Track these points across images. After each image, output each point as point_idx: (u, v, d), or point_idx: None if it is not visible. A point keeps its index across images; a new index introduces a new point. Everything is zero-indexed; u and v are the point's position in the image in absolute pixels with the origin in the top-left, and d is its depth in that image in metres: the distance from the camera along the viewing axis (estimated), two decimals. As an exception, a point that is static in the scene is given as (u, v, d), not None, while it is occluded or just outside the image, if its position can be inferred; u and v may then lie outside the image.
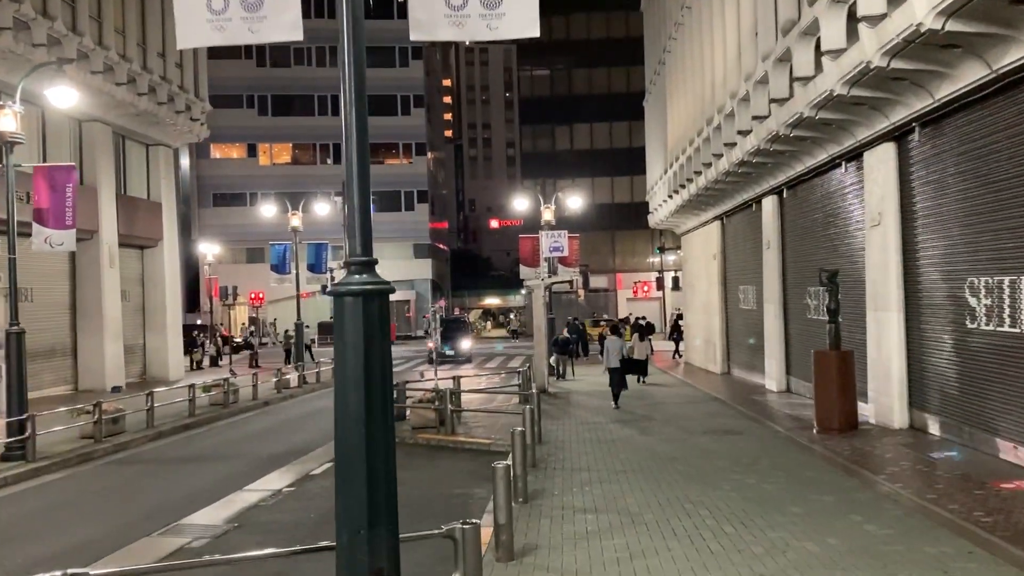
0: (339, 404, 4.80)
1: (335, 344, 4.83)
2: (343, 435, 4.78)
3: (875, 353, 14.95)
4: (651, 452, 13.51)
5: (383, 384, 4.80)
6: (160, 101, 31.08)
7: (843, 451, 12.68)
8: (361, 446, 4.73)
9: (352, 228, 4.92)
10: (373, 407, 4.75)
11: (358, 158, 4.97)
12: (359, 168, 4.95)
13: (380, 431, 4.78)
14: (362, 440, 4.73)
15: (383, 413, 4.79)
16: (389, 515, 4.83)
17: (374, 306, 4.79)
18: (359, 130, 4.99)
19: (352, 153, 4.96)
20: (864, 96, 12.67)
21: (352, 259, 4.88)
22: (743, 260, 25.94)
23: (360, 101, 5.04)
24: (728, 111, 19.80)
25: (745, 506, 9.56)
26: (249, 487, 12.67)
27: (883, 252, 14.46)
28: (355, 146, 4.97)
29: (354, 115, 5.00)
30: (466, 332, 41.42)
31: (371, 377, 4.74)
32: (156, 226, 33.50)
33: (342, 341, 4.78)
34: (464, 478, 12.71)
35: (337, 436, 4.82)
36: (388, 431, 4.84)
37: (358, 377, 4.73)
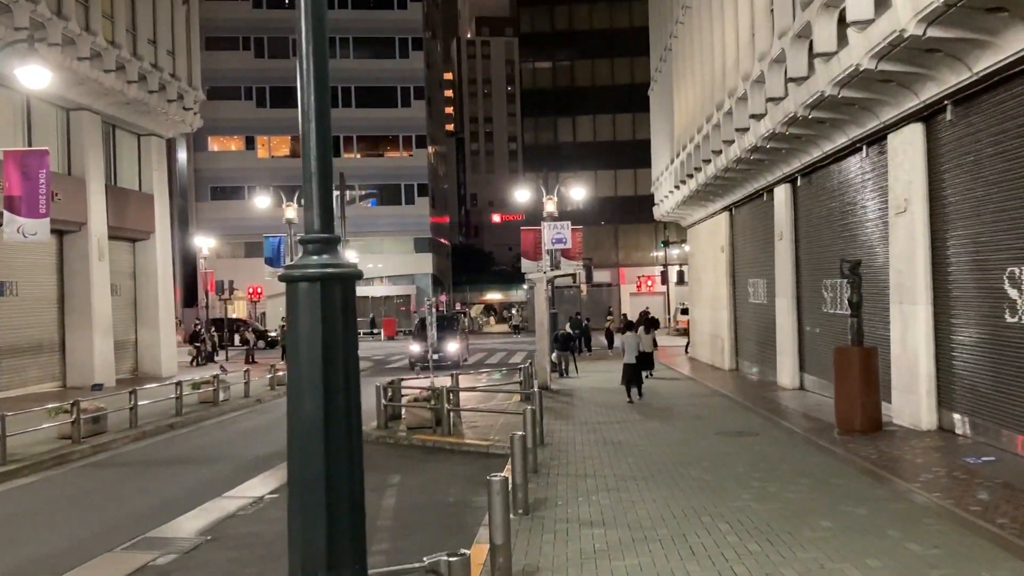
0: (292, 416, 3.87)
1: (288, 341, 3.91)
2: (297, 455, 3.85)
3: (899, 349, 14.00)
4: (661, 455, 12.59)
5: (348, 391, 3.87)
6: (151, 89, 30.13)
7: (869, 455, 11.75)
8: (320, 469, 3.80)
9: (309, 197, 3.99)
10: (335, 420, 3.82)
11: (316, 106, 4.03)
12: (318, 122, 4.02)
13: (344, 449, 3.86)
14: (321, 461, 3.80)
15: (348, 427, 3.87)
16: (356, 553, 3.89)
17: (336, 294, 3.86)
18: (316, 68, 4.06)
19: (309, 99, 4.03)
20: (893, 71, 11.72)
21: (309, 236, 3.96)
22: (753, 252, 25.00)
23: (318, 33, 4.08)
24: (740, 94, 18.84)
25: (769, 519, 8.63)
26: (229, 493, 11.77)
27: (909, 241, 13.51)
28: (312, 91, 4.03)
29: (311, 55, 4.05)
30: (454, 331, 34.30)
31: (332, 383, 3.82)
32: (148, 218, 32.59)
33: (296, 338, 3.85)
34: (461, 484, 11.79)
35: (290, 456, 3.89)
36: (354, 449, 3.92)
37: (316, 383, 3.81)
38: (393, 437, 15.79)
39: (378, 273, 70.26)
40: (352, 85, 68.21)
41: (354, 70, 68.01)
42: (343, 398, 3.85)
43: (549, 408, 18.28)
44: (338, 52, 68.41)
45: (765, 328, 23.56)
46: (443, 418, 15.43)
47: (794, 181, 20.18)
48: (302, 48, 4.05)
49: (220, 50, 66.57)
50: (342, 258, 3.99)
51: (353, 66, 68.09)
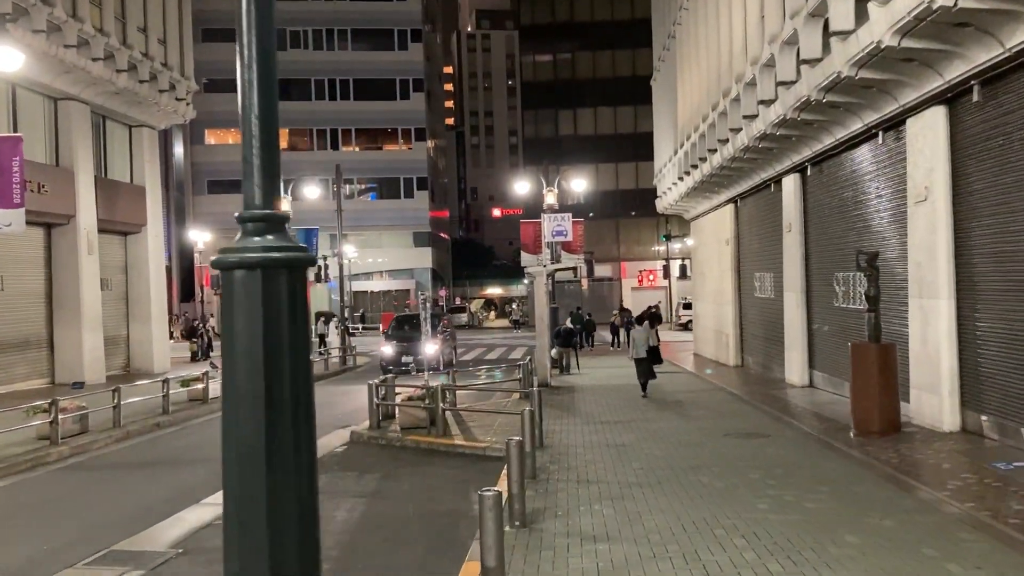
0: (227, 441, 3.12)
1: (222, 344, 3.16)
2: (233, 488, 3.10)
3: (919, 346, 13.26)
4: (668, 459, 11.85)
5: (296, 408, 3.12)
6: (142, 79, 29.35)
7: (890, 459, 11.01)
8: (260, 506, 3.06)
9: (248, 163, 3.25)
10: (280, 446, 3.07)
11: (258, 46, 3.30)
12: (260, 66, 3.29)
13: (292, 484, 3.10)
14: (262, 496, 3.05)
15: (296, 456, 3.11)
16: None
17: (280, 284, 3.11)
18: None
19: (250, 39, 3.30)
20: (917, 49, 10.95)
21: (248, 213, 3.21)
22: (759, 245, 24.25)
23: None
24: (748, 79, 18.07)
25: (789, 533, 7.89)
26: (207, 500, 11.02)
27: (930, 232, 12.76)
28: (253, 29, 3.30)
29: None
30: (434, 331, 28.76)
31: (276, 397, 3.07)
32: (139, 211, 31.83)
33: (230, 340, 3.10)
34: (455, 490, 11.06)
35: (225, 490, 3.14)
36: (305, 484, 3.15)
37: (255, 398, 3.05)
38: (385, 438, 15.06)
39: (377, 267, 69.56)
40: (350, 77, 67.45)
41: (352, 62, 67.24)
42: (290, 416, 3.10)
43: (549, 407, 17.55)
44: (336, 44, 67.65)
45: (772, 323, 22.83)
46: (437, 418, 14.69)
47: (804, 170, 19.42)
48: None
49: (215, 41, 65.76)
50: (289, 239, 3.25)
51: (351, 58, 67.32)
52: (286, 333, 3.12)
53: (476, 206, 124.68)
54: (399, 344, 29.10)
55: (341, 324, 35.42)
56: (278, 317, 3.11)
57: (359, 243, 64.95)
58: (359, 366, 32.91)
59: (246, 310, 3.09)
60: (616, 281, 69.96)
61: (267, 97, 3.26)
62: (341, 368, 31.93)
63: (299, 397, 3.16)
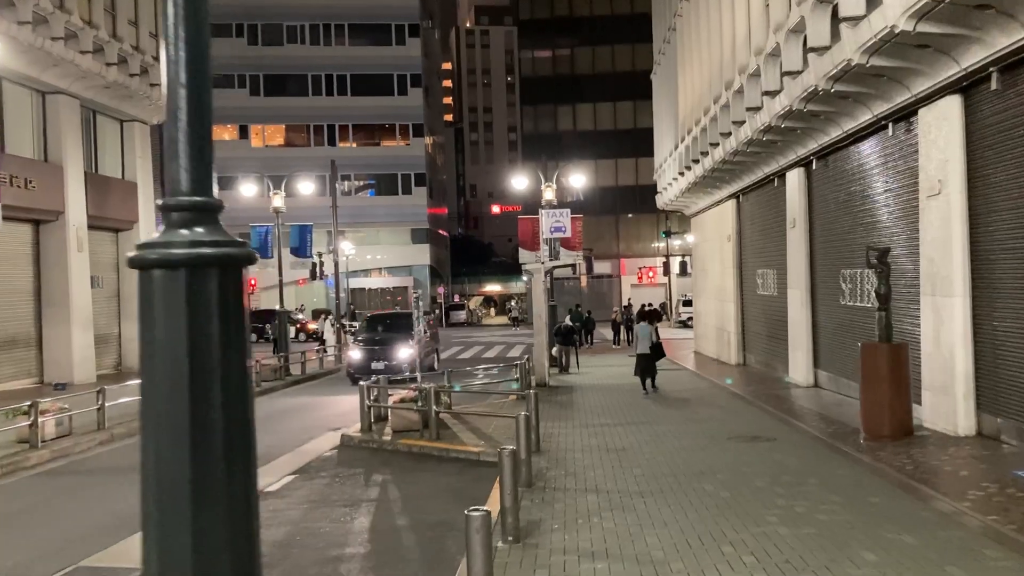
0: (146, 468, 2.59)
1: (140, 356, 2.62)
2: (151, 526, 2.56)
3: (931, 346, 12.72)
4: (671, 465, 11.31)
5: (230, 430, 2.58)
6: (132, 73, 28.77)
7: (903, 466, 10.47)
8: (183, 547, 2.52)
9: (173, 141, 2.70)
10: (209, 473, 2.54)
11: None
12: (188, 20, 2.76)
13: (223, 517, 2.56)
14: (187, 536, 2.52)
15: (229, 482, 2.58)
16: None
17: (210, 285, 2.57)
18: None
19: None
20: (933, 34, 10.39)
21: (173, 200, 2.67)
22: (762, 241, 23.71)
23: None
24: (752, 70, 17.51)
25: (802, 550, 7.35)
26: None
27: (944, 226, 12.21)
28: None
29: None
30: (409, 333, 22.79)
31: (205, 417, 2.53)
32: (131, 207, 31.28)
33: (150, 352, 2.56)
34: (446, 499, 10.51)
35: (143, 525, 2.60)
36: (240, 515, 2.61)
37: (179, 418, 2.52)
38: (377, 441, 14.53)
39: (375, 264, 69.03)
40: (348, 73, 66.89)
41: (350, 57, 66.68)
42: (222, 445, 2.55)
43: (547, 408, 17.02)
44: (333, 39, 67.07)
45: (775, 321, 22.30)
46: (430, 421, 14.15)
47: (808, 164, 18.88)
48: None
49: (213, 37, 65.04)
50: (224, 233, 2.70)
51: (348, 53, 66.75)
52: (217, 345, 2.58)
53: (475, 203, 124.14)
54: (369, 348, 25.81)
55: (337, 322, 34.86)
56: (207, 325, 2.56)
57: (357, 240, 64.41)
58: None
59: (168, 317, 2.54)
60: (616, 278, 69.45)
61: (196, 55, 2.72)
62: (336, 367, 31.39)
63: (234, 421, 2.61)
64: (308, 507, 10.35)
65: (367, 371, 23.82)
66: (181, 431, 2.53)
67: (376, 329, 27.40)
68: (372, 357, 25.14)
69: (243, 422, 2.65)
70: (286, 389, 25.16)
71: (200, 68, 2.74)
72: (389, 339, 25.73)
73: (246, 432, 2.66)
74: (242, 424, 2.64)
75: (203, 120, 2.72)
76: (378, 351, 25.36)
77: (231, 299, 2.63)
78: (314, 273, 35.07)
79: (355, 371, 24.91)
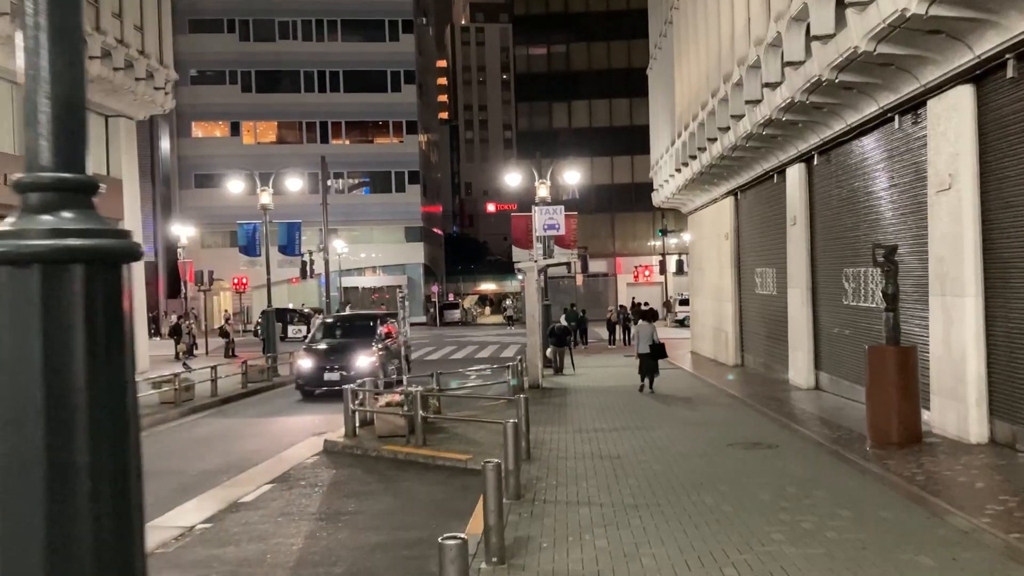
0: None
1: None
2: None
3: (941, 349, 12.14)
4: (668, 474, 10.71)
5: (104, 474, 1.99)
6: (116, 67, 28.07)
7: (914, 475, 9.88)
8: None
9: (32, 101, 2.11)
10: (72, 529, 1.94)
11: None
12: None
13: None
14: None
15: (96, 541, 1.98)
16: None
17: (74, 286, 1.98)
18: None
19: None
20: (946, 18, 9.80)
21: (30, 177, 2.07)
22: (761, 239, 23.12)
23: None
24: (752, 62, 16.93)
25: (811, 572, 6.76)
26: (153, 523, 9.80)
27: (955, 223, 11.63)
28: None
29: None
30: (369, 339, 23.17)
31: (68, 457, 1.94)
32: (116, 204, 30.55)
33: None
34: (430, 512, 9.90)
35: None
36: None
37: (30, 457, 1.93)
38: (361, 447, 13.90)
39: (369, 263, 68.39)
40: (340, 69, 66.22)
41: (343, 53, 66.01)
42: (88, 493, 1.95)
43: (540, 411, 16.43)
44: (326, 34, 66.39)
45: (775, 321, 21.73)
46: (416, 427, 13.53)
47: (810, 160, 18.30)
48: None
49: (203, 32, 64.50)
50: (100, 220, 2.11)
51: (341, 49, 66.08)
52: (82, 364, 1.98)
53: (470, 201, 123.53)
54: (322, 356, 22.38)
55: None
56: (69, 339, 1.97)
57: (350, 238, 63.75)
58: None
59: (15, 327, 1.95)
60: (611, 277, 68.89)
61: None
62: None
63: (108, 465, 2.02)
64: (282, 520, 9.74)
65: (319, 382, 21.57)
66: (32, 479, 1.93)
67: (332, 334, 24.24)
68: (325, 366, 21.92)
69: (121, 465, 2.05)
70: (274, 390, 24.53)
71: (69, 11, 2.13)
72: (346, 346, 22.59)
73: (125, 478, 2.06)
74: (119, 468, 2.04)
75: (73, 71, 2.12)
76: (333, 359, 22.08)
77: (105, 304, 2.04)
78: (304, 271, 34.38)
79: (305, 382, 22.02)
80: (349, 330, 24.23)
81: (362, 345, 22.37)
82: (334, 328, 24.88)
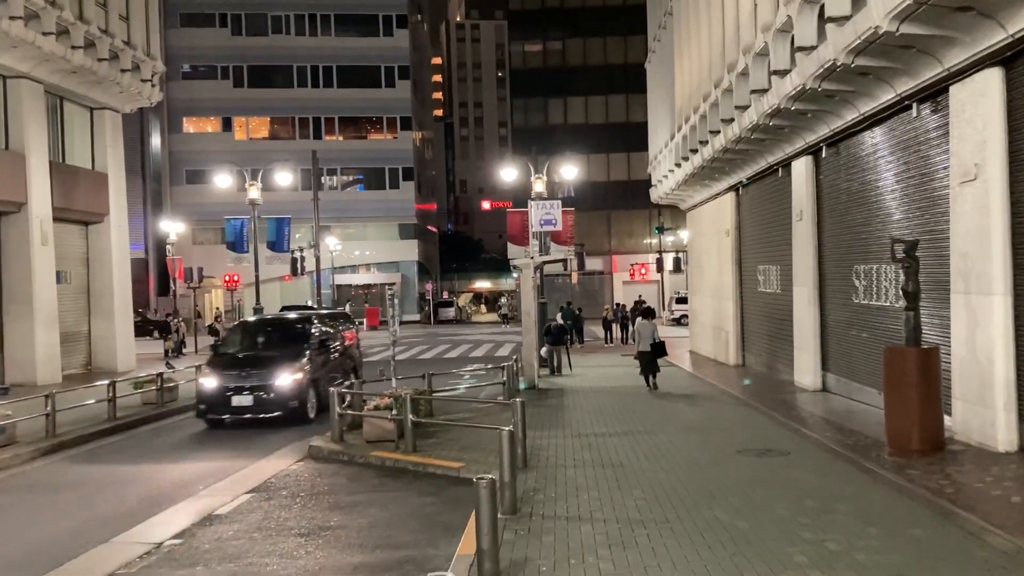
0: None
1: None
2: None
3: (964, 350, 11.40)
4: (675, 485, 9.96)
5: None
6: (101, 57, 27.22)
7: (942, 488, 9.15)
8: None
9: None
10: None
11: None
12: None
13: None
14: None
15: None
16: None
17: None
18: None
19: None
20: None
21: None
22: (764, 235, 22.39)
23: None
24: (759, 49, 16.17)
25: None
26: (119, 538, 9.08)
27: (981, 216, 10.89)
28: None
29: None
30: (296, 350, 17.60)
31: None
32: (101, 199, 29.80)
33: None
34: (418, 526, 9.14)
35: None
36: None
37: None
38: (348, 453, 13.14)
39: (362, 260, 67.59)
40: (333, 64, 65.37)
41: (336, 48, 65.18)
42: None
43: (536, 414, 15.69)
44: (319, 29, 65.54)
45: (779, 320, 21.00)
46: (407, 431, 12.77)
47: (817, 152, 17.57)
48: None
49: (194, 26, 63.62)
50: None
51: (334, 44, 65.24)
52: None
53: (465, 199, 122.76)
54: (231, 373, 16.85)
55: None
56: None
57: (343, 235, 62.95)
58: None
59: None
60: (607, 275, 68.18)
61: None
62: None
63: None
64: (258, 536, 8.96)
65: (225, 408, 16.55)
66: None
67: (248, 343, 18.62)
68: (233, 386, 16.60)
69: None
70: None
71: None
72: (265, 359, 17.20)
73: None
74: None
75: None
76: (245, 377, 16.70)
77: None
78: (295, 268, 33.55)
79: (207, 406, 16.75)
80: (272, 337, 18.63)
81: (287, 358, 17.13)
82: (253, 334, 19.12)
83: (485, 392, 19.59)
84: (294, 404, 16.70)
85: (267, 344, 18.33)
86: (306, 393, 17.09)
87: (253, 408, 16.45)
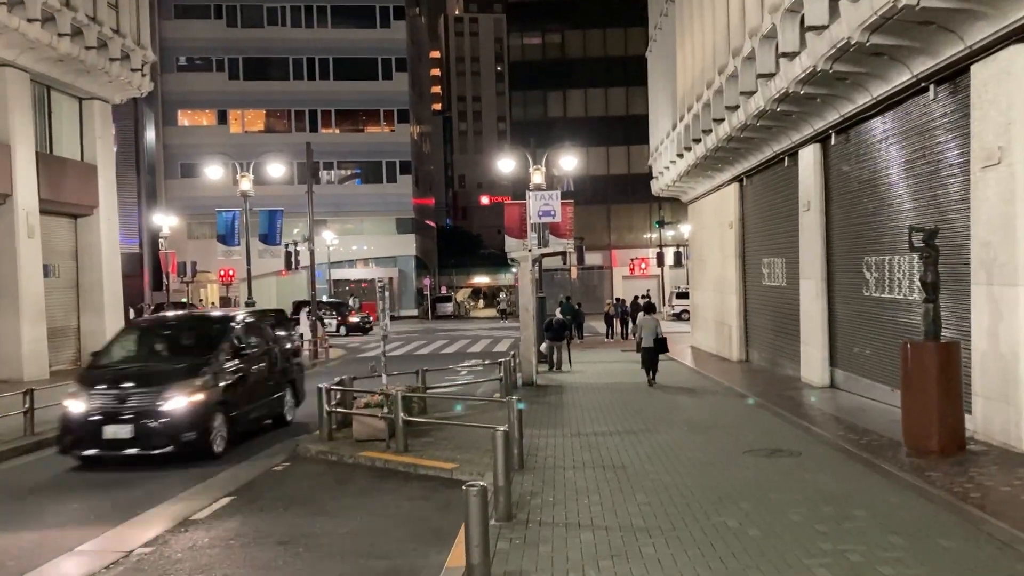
0: None
1: None
2: None
3: (986, 345, 10.79)
4: (681, 488, 9.35)
5: None
6: (88, 45, 26.53)
7: (967, 492, 8.53)
8: None
9: None
10: None
11: None
12: None
13: None
14: None
15: None
16: None
17: None
18: None
19: None
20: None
21: None
22: (769, 227, 21.77)
23: None
24: (766, 31, 15.53)
25: (874, 626, 5.41)
26: (84, 546, 8.46)
27: (1006, 202, 10.27)
28: None
29: None
30: (198, 365, 12.92)
31: None
32: (91, 191, 29.14)
33: None
34: (406, 534, 8.52)
35: None
36: None
37: None
38: (336, 453, 12.53)
39: (360, 255, 66.97)
40: (330, 56, 64.66)
41: (332, 40, 64.44)
42: None
43: (534, 412, 15.08)
44: (315, 21, 64.81)
45: (784, 314, 20.40)
46: (397, 431, 12.15)
47: (826, 140, 16.94)
48: None
49: (189, 18, 62.88)
50: None
51: (331, 36, 64.51)
52: None
53: (464, 193, 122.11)
54: (104, 393, 12.52)
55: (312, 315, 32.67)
56: None
57: (340, 230, 62.28)
58: (332, 360, 30.33)
59: None
60: (607, 269, 67.55)
61: None
62: (312, 362, 29.34)
63: None
64: (235, 544, 8.35)
65: (93, 440, 12.23)
66: None
67: (138, 352, 14.26)
68: (107, 411, 12.30)
69: None
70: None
71: None
72: (152, 376, 12.79)
73: None
74: None
75: None
76: (122, 399, 12.39)
77: None
78: (289, 262, 32.89)
79: (73, 437, 12.45)
80: (170, 344, 14.50)
81: (183, 372, 12.75)
82: (146, 340, 14.76)
83: (482, 389, 19.01)
84: (190, 436, 12.19)
85: (162, 353, 14.12)
86: (209, 420, 12.52)
87: (132, 441, 12.12)
